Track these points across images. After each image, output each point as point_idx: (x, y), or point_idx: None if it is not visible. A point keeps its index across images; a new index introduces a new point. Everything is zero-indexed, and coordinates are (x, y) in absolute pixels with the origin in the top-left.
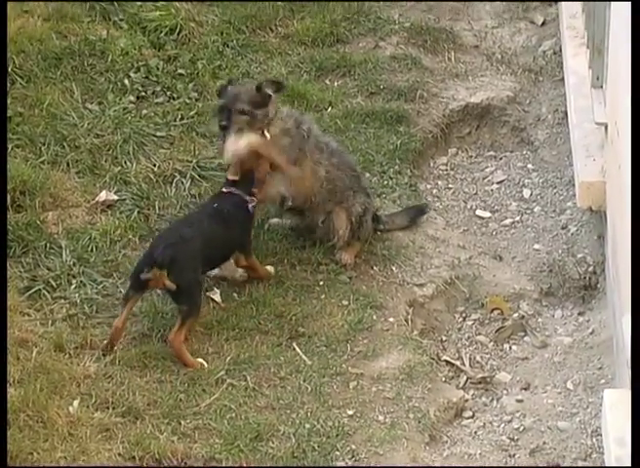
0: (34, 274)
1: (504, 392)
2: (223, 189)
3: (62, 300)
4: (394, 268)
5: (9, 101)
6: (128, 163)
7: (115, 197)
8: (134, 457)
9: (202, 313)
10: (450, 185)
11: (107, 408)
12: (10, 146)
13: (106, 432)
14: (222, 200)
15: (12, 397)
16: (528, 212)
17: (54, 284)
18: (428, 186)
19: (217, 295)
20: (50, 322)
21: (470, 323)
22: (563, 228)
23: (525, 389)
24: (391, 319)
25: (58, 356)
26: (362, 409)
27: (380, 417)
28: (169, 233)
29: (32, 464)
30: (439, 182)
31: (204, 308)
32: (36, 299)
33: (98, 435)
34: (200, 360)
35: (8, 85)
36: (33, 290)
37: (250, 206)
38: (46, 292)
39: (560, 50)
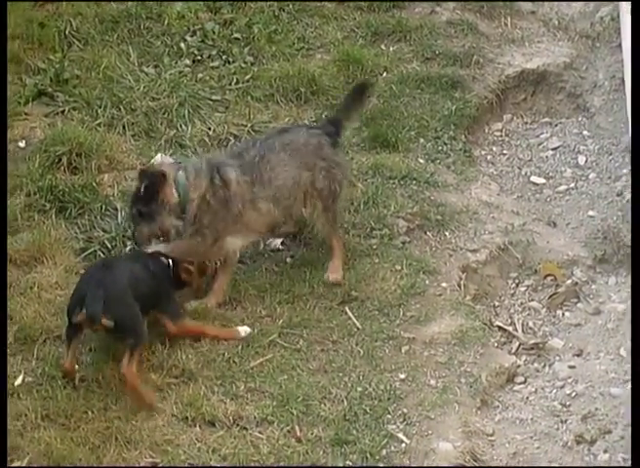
0: (90, 235)
1: (557, 358)
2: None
3: None
4: (447, 233)
5: (66, 64)
6: (183, 126)
7: (170, 160)
8: (186, 418)
9: (255, 278)
10: (504, 151)
11: (162, 368)
12: (66, 108)
13: (160, 393)
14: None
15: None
16: (583, 178)
17: (109, 245)
18: (483, 152)
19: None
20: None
21: (523, 289)
22: (618, 195)
23: (578, 355)
24: (444, 284)
25: None
26: (414, 373)
27: (432, 382)
28: (95, 270)
29: (86, 422)
30: (494, 148)
31: (257, 271)
32: (92, 260)
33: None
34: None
35: (65, 47)
36: (89, 251)
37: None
38: (101, 254)
39: (617, 16)
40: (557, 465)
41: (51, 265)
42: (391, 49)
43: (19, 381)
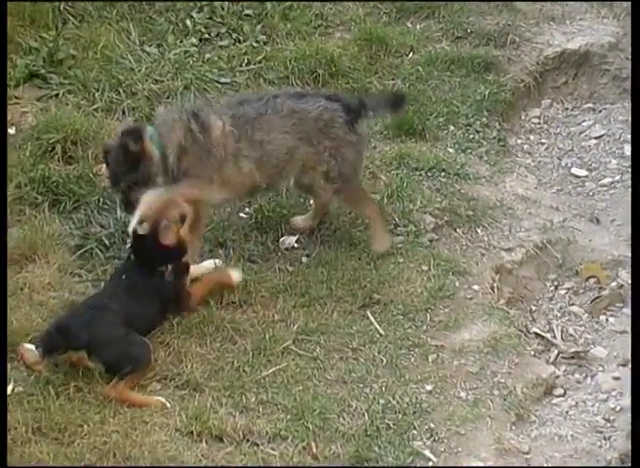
0: (86, 231)
1: (600, 368)
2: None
3: (116, 260)
4: (480, 231)
5: (60, 43)
6: None
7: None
8: (192, 432)
9: (267, 279)
10: (543, 140)
11: (165, 378)
12: (61, 91)
13: (163, 405)
14: (132, 270)
15: (60, 365)
16: (629, 170)
17: (107, 242)
18: (519, 141)
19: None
20: (102, 283)
21: (563, 292)
22: None
23: (623, 365)
24: (475, 286)
25: None
26: (442, 384)
27: (462, 394)
28: (81, 309)
29: (81, 437)
30: (531, 137)
31: (270, 271)
32: (88, 259)
33: (154, 408)
34: (158, 398)
35: (60, 25)
36: (85, 248)
37: (166, 275)
38: (99, 252)
39: None
40: None
41: (43, 264)
42: (418, 27)
43: (8, 391)
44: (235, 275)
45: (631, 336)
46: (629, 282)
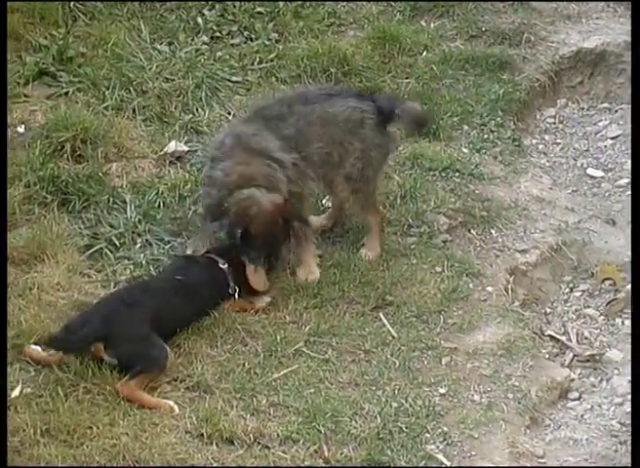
0: (95, 231)
1: (615, 371)
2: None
3: (126, 261)
4: (494, 232)
5: (70, 40)
6: (200, 110)
7: (185, 148)
8: (202, 435)
9: (278, 280)
10: (558, 140)
11: (175, 380)
12: (70, 90)
13: (172, 409)
14: (191, 268)
15: (70, 366)
16: None
17: (117, 242)
18: (534, 141)
19: None
20: (112, 284)
21: (578, 294)
22: None
23: None
24: (489, 288)
25: None
26: (455, 387)
27: (476, 397)
28: (111, 299)
29: (90, 439)
30: (546, 137)
31: (281, 272)
32: (97, 259)
33: (163, 411)
34: (167, 401)
35: (69, 22)
36: (94, 248)
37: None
38: (108, 252)
39: None
40: None
41: (52, 264)
42: (432, 25)
43: (16, 393)
44: (260, 302)
45: (631, 338)
46: None
